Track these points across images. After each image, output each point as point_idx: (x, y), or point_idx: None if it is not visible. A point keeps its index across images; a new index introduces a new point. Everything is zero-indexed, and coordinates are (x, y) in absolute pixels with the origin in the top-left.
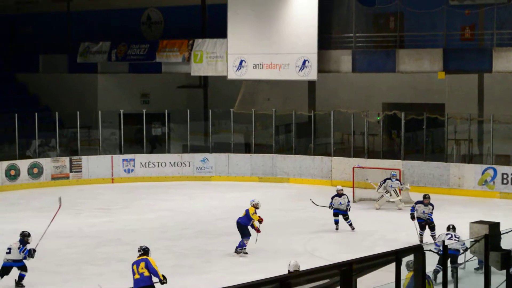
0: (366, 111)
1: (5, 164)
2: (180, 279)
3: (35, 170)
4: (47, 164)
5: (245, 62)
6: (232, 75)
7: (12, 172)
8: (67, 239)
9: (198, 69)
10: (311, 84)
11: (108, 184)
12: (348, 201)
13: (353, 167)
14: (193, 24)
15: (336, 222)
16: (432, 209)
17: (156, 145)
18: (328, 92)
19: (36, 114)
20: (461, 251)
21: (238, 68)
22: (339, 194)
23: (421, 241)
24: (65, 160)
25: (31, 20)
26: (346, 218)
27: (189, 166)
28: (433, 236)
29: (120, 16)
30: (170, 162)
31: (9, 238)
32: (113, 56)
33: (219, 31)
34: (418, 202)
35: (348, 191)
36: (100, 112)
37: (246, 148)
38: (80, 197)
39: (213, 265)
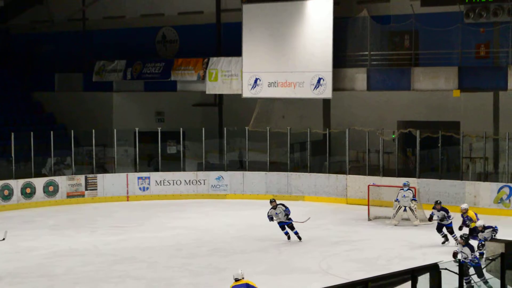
0: (381, 129)
1: (21, 182)
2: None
3: (51, 188)
4: (63, 182)
5: (260, 80)
6: (247, 93)
7: (28, 190)
8: (83, 257)
9: (213, 87)
10: (326, 102)
11: (123, 202)
12: (286, 209)
13: (368, 185)
14: (208, 42)
15: (286, 234)
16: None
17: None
18: (343, 110)
19: (51, 132)
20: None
21: (253, 86)
22: (273, 206)
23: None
24: (81, 178)
25: (47, 39)
26: (291, 227)
27: (204, 184)
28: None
29: (136, 34)
30: (185, 180)
31: (25, 255)
32: (128, 74)
33: (234, 49)
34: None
35: (363, 209)
36: (115, 130)
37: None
38: (96, 215)
39: (228, 283)
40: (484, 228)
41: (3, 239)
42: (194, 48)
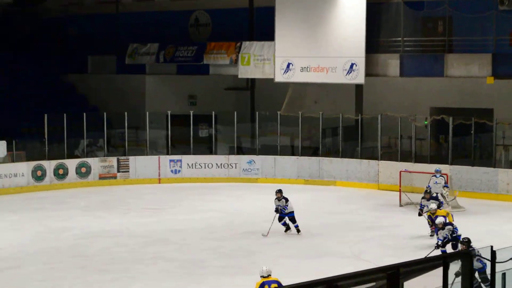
0: (413, 115)
1: (53, 163)
2: (227, 279)
3: (83, 170)
4: (95, 163)
5: (292, 65)
6: (279, 77)
7: (61, 171)
8: (115, 238)
9: (246, 71)
10: (359, 87)
11: (155, 184)
12: (285, 205)
13: (400, 171)
14: (240, 26)
15: (284, 224)
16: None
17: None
18: (375, 96)
19: (84, 114)
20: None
21: (285, 71)
22: (278, 198)
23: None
24: (113, 160)
25: (79, 22)
26: (292, 220)
27: (235, 167)
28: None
29: (169, 18)
30: (216, 164)
31: (58, 236)
32: (161, 57)
33: (267, 33)
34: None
35: (394, 195)
36: (147, 113)
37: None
38: (128, 197)
39: (259, 266)
40: (444, 225)
41: None
42: (226, 32)
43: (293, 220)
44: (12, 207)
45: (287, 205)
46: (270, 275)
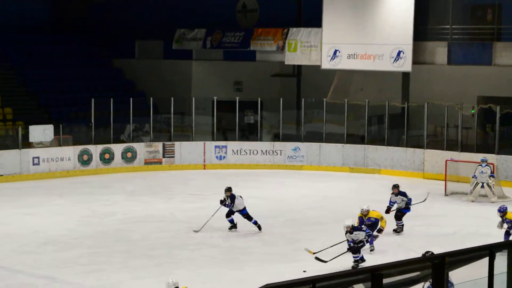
0: (460, 104)
1: (100, 147)
2: (270, 266)
3: (129, 155)
4: (141, 149)
5: (339, 52)
6: (326, 64)
7: (107, 156)
8: (159, 223)
9: (292, 58)
10: (405, 75)
11: (200, 170)
12: (233, 200)
13: (446, 160)
14: (287, 12)
15: (230, 221)
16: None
17: (247, 134)
18: (422, 84)
19: (131, 99)
20: None
21: (332, 58)
22: (227, 196)
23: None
24: (158, 146)
25: (127, 6)
26: (248, 217)
27: (280, 154)
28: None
29: (216, 3)
30: (261, 150)
31: (102, 220)
32: (208, 43)
33: (314, 20)
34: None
35: (440, 184)
36: (194, 98)
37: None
38: (172, 183)
39: (302, 254)
40: (353, 229)
41: None
42: (273, 18)
43: (248, 217)
44: (58, 191)
45: (234, 203)
46: (177, 287)
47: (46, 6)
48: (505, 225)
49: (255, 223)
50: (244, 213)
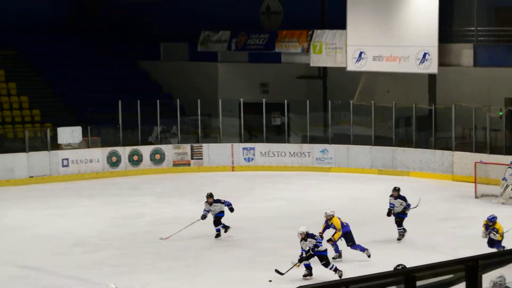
0: (488, 105)
1: (128, 149)
2: (298, 268)
3: (157, 156)
4: (169, 150)
5: (364, 54)
6: (352, 66)
7: (135, 158)
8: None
9: (317, 60)
10: (432, 77)
11: (228, 172)
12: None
13: (475, 162)
14: (311, 14)
15: (218, 230)
16: (406, 202)
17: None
18: (449, 86)
19: (158, 101)
20: None
21: (357, 59)
22: (209, 202)
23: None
24: (186, 147)
25: (152, 8)
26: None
27: (308, 156)
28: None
29: (240, 5)
30: (289, 152)
31: (131, 222)
32: (232, 45)
33: (338, 22)
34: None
35: (469, 186)
36: (220, 100)
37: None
38: (201, 184)
39: (330, 256)
40: (307, 236)
41: None
42: (297, 19)
43: (217, 221)
44: (87, 193)
45: (212, 210)
46: None
47: (73, 7)
48: (491, 235)
49: (218, 230)
50: (218, 215)
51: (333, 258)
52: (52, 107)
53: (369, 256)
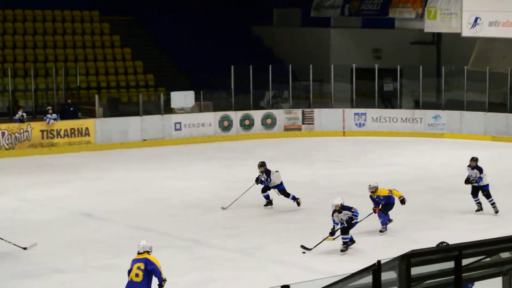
0: None
1: (240, 114)
2: (412, 233)
3: (269, 121)
4: (280, 115)
5: (480, 19)
6: (467, 32)
7: (247, 122)
8: (301, 189)
9: (432, 25)
10: None
11: (339, 137)
12: (268, 175)
13: None
14: None
15: (266, 197)
16: (480, 174)
17: (388, 105)
18: None
19: (270, 66)
20: None
21: (472, 25)
22: (261, 171)
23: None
24: (298, 112)
25: None
26: (285, 194)
27: (420, 122)
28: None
29: None
30: (401, 118)
31: (243, 184)
32: (346, 11)
33: None
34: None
35: None
36: (332, 66)
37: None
38: (312, 149)
39: (444, 222)
40: (342, 208)
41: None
42: None
43: (285, 193)
44: (200, 157)
45: (270, 178)
46: (147, 251)
47: None
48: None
49: (293, 198)
50: (281, 188)
51: (380, 231)
52: (165, 72)
53: (380, 232)
